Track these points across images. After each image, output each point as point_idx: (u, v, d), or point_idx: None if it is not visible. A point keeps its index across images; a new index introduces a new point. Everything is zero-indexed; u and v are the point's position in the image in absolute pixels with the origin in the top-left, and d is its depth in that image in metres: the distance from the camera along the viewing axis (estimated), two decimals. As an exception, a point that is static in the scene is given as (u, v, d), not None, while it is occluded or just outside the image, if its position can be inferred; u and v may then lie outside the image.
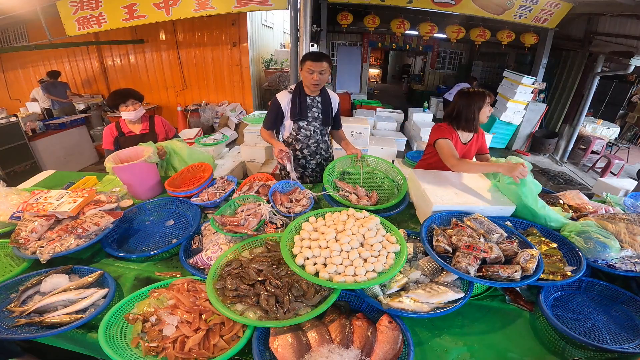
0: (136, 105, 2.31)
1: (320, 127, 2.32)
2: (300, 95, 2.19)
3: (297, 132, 2.29)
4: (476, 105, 1.99)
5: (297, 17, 4.09)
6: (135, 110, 2.30)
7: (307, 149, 2.35)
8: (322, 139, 2.38)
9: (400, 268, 1.18)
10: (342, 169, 2.11)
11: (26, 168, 4.63)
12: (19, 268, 1.37)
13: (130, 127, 2.40)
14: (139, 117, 2.37)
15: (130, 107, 2.28)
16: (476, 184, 1.83)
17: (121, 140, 2.37)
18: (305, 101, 2.22)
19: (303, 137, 2.31)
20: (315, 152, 2.38)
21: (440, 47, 9.83)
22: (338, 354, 0.99)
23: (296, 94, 2.20)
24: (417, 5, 5.23)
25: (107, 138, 2.37)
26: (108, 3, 4.35)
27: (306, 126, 2.27)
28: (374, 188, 1.99)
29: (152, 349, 1.01)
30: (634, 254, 1.40)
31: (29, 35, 7.06)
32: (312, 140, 2.33)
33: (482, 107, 1.99)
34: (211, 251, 1.38)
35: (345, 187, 1.91)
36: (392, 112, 6.88)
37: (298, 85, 2.22)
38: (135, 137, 2.38)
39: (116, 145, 2.38)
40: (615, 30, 5.39)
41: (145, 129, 2.43)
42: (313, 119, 2.27)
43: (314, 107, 2.25)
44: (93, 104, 7.13)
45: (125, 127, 2.40)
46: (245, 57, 6.89)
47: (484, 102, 1.99)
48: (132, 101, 2.29)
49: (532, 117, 6.75)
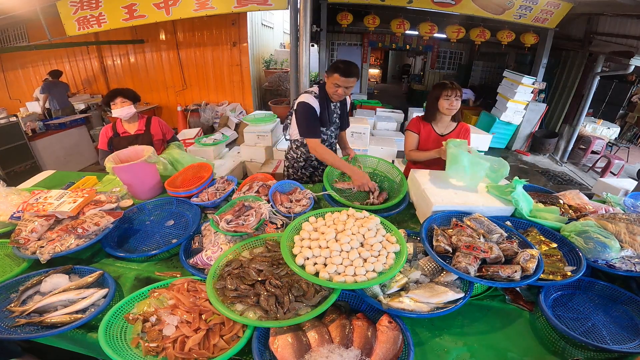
0: (125, 103, 2.29)
1: (336, 132, 2.32)
2: (327, 101, 2.11)
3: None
4: (434, 94, 2.08)
5: (297, 17, 4.09)
6: (122, 107, 2.28)
7: None
8: (334, 142, 2.39)
9: (400, 268, 1.18)
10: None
11: (26, 168, 4.64)
12: (19, 268, 1.37)
13: (125, 127, 2.40)
14: (129, 115, 2.35)
15: (118, 105, 2.27)
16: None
17: (115, 140, 2.37)
18: (331, 107, 2.17)
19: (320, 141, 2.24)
20: None
21: (440, 47, 9.82)
22: (338, 354, 0.99)
23: (323, 100, 2.08)
24: (417, 5, 5.23)
25: (102, 138, 2.38)
26: (108, 3, 4.34)
27: (325, 131, 2.23)
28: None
29: (152, 349, 1.01)
30: (634, 254, 1.40)
31: (29, 35, 7.05)
32: (327, 143, 2.30)
33: (440, 98, 2.05)
34: (211, 251, 1.38)
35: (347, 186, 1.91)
36: (392, 112, 6.88)
37: (322, 89, 2.09)
38: (130, 137, 2.38)
39: (110, 145, 2.37)
40: (615, 30, 5.39)
41: (141, 129, 2.42)
42: (332, 124, 2.24)
43: (335, 112, 2.23)
44: (93, 104, 7.13)
45: (121, 127, 2.40)
46: (245, 57, 6.89)
47: (441, 92, 2.04)
48: (121, 99, 2.28)
49: (532, 117, 6.75)
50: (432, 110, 2.13)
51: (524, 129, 6.87)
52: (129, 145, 2.30)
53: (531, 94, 6.43)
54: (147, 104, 7.62)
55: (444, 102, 2.05)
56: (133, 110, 2.37)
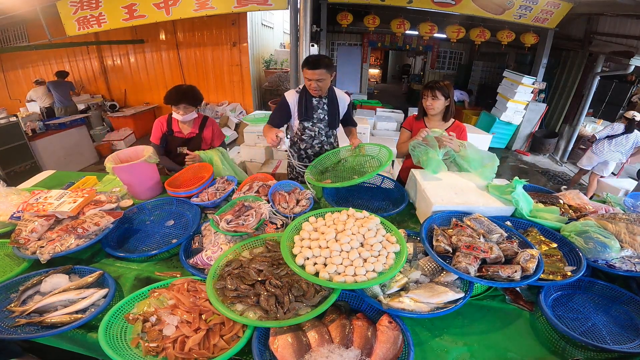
0: (187, 110, 2.22)
1: (326, 129, 2.32)
2: (306, 95, 2.19)
3: (302, 132, 2.30)
4: (421, 96, 2.16)
5: (297, 17, 4.09)
6: (184, 115, 2.22)
7: (311, 149, 2.36)
8: (327, 141, 2.38)
9: (400, 268, 1.18)
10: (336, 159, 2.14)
11: (26, 168, 4.64)
12: (19, 268, 1.37)
13: (180, 126, 2.34)
14: (188, 120, 2.29)
15: (181, 112, 2.21)
16: (476, 184, 1.83)
17: (169, 138, 2.33)
18: (311, 102, 2.21)
19: (307, 137, 2.31)
20: (319, 153, 2.37)
21: (440, 47, 9.82)
22: (338, 354, 0.99)
23: (303, 94, 2.20)
24: (417, 5, 5.23)
25: (156, 132, 2.32)
26: (108, 3, 4.34)
27: (311, 127, 2.28)
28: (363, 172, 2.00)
29: (152, 349, 1.01)
30: (634, 254, 1.39)
31: (29, 35, 7.06)
32: (317, 141, 2.34)
33: (423, 98, 2.13)
34: (211, 251, 1.38)
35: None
36: (392, 112, 6.88)
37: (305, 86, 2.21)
38: (182, 139, 2.34)
39: (163, 141, 2.33)
40: (615, 30, 5.39)
41: (194, 132, 2.35)
42: (318, 120, 2.27)
43: (320, 108, 2.25)
44: (93, 104, 7.13)
45: (176, 125, 2.33)
46: (245, 57, 6.90)
47: (423, 93, 2.13)
48: (184, 106, 2.20)
49: (532, 117, 6.75)
50: (421, 109, 2.22)
51: (524, 129, 6.87)
52: (179, 146, 2.30)
53: (531, 94, 6.43)
54: (147, 104, 7.62)
55: (424, 101, 2.14)
56: (194, 115, 2.30)
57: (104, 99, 7.74)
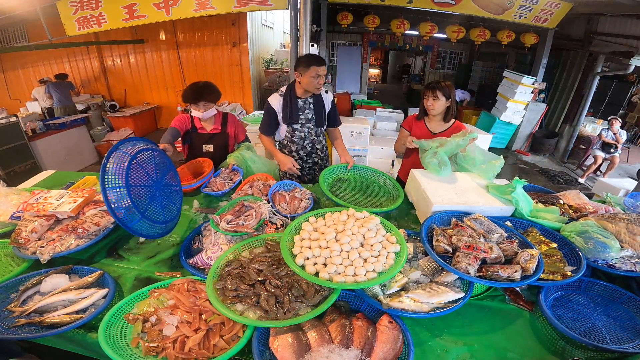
0: (207, 106, 2.20)
1: (315, 128, 2.32)
2: (290, 98, 2.17)
3: (291, 135, 2.30)
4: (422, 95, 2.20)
5: (297, 17, 4.09)
6: (204, 111, 2.20)
7: (302, 150, 2.36)
8: (317, 139, 2.38)
9: (400, 268, 1.18)
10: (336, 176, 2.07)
11: (26, 168, 4.64)
12: (19, 268, 1.37)
13: (202, 123, 2.32)
14: (208, 116, 2.27)
15: (201, 109, 2.19)
16: (476, 184, 1.83)
17: (193, 135, 2.31)
18: (297, 104, 2.21)
19: (298, 139, 2.31)
20: (311, 152, 2.39)
21: (440, 47, 9.82)
22: (338, 354, 0.99)
23: (287, 97, 2.18)
24: (417, 5, 5.24)
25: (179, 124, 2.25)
26: (108, 3, 4.35)
27: (300, 128, 2.28)
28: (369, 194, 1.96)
29: (152, 349, 1.01)
30: (634, 254, 1.40)
31: (29, 35, 7.05)
32: (307, 141, 2.34)
33: (423, 97, 2.16)
34: (211, 251, 1.38)
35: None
36: (392, 112, 6.87)
37: (289, 87, 2.19)
38: (206, 135, 2.33)
39: (187, 137, 2.32)
40: (615, 30, 5.39)
41: (217, 128, 2.35)
42: (306, 121, 2.27)
43: (307, 108, 2.25)
44: (93, 104, 7.13)
45: (198, 122, 2.31)
46: (245, 57, 6.89)
47: (423, 92, 2.16)
48: (204, 103, 2.18)
49: (532, 117, 6.75)
50: (422, 109, 2.23)
51: (524, 129, 6.87)
52: (205, 143, 2.30)
53: (531, 94, 6.43)
54: (147, 104, 7.62)
55: (425, 101, 2.15)
56: (214, 112, 2.30)
57: (104, 99, 7.73)
